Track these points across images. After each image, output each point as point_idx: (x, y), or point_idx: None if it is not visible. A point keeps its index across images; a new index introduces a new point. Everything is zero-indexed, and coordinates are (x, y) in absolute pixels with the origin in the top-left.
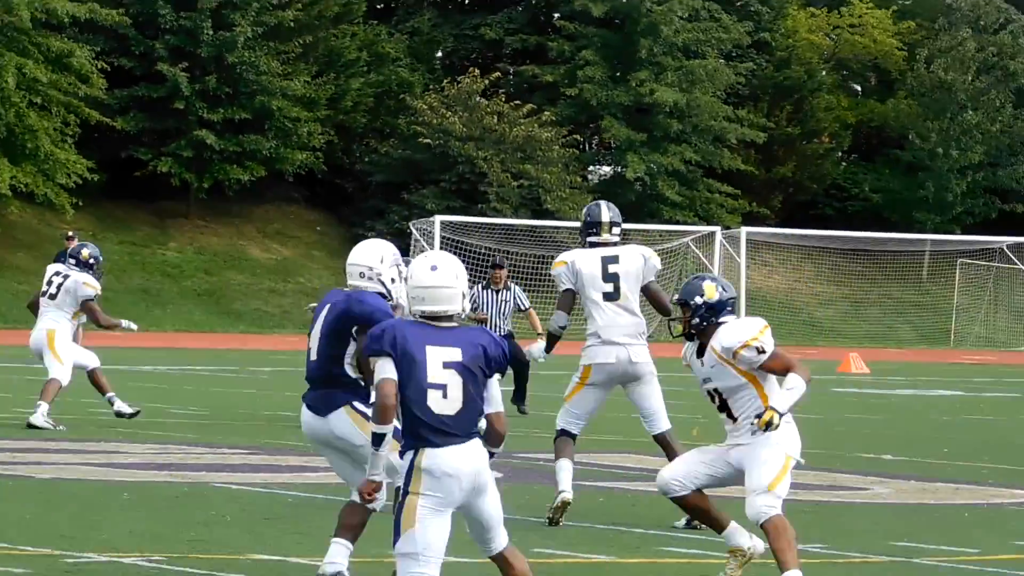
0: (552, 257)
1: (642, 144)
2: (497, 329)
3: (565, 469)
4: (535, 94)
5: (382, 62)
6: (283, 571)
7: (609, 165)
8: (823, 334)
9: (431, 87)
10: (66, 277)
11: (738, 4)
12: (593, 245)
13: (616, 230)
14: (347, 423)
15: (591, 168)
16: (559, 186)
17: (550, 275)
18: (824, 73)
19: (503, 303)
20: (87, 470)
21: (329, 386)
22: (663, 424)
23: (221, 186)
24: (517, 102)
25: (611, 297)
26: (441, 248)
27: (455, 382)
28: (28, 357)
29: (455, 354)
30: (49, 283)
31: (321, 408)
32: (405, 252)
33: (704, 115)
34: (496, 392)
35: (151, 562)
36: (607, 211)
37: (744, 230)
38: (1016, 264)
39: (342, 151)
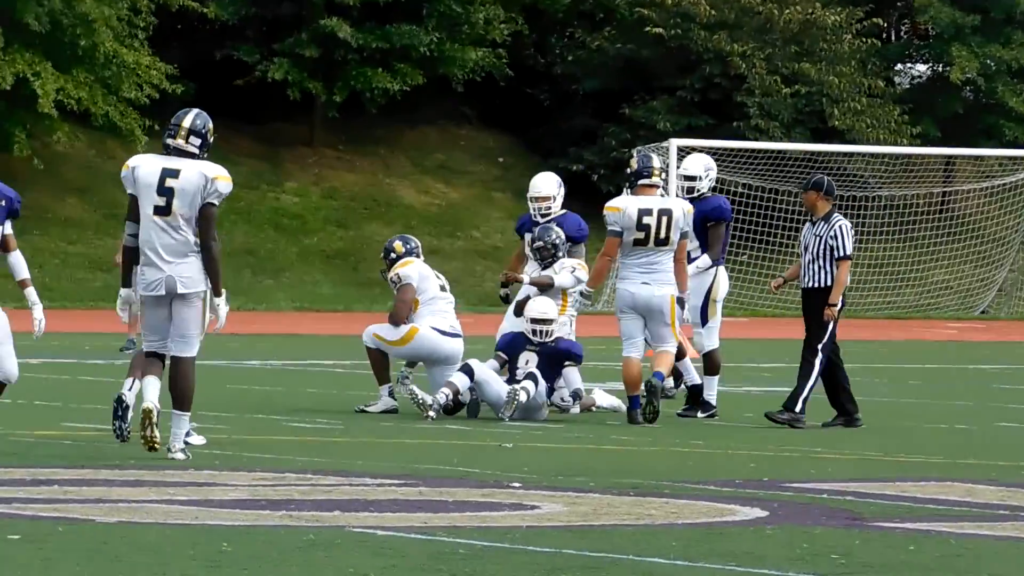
0: (844, 198)
1: (974, 31)
2: None
3: None
4: None
5: None
6: None
7: (925, 62)
8: None
9: None
10: None
11: None
12: None
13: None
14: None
15: (898, 67)
16: (851, 94)
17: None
18: None
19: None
20: (169, 511)
21: None
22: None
23: (359, 100)
24: None
25: None
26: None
27: None
28: (83, 350)
29: None
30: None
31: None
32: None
33: None
34: None
35: None
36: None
37: None
38: None
39: (534, 47)
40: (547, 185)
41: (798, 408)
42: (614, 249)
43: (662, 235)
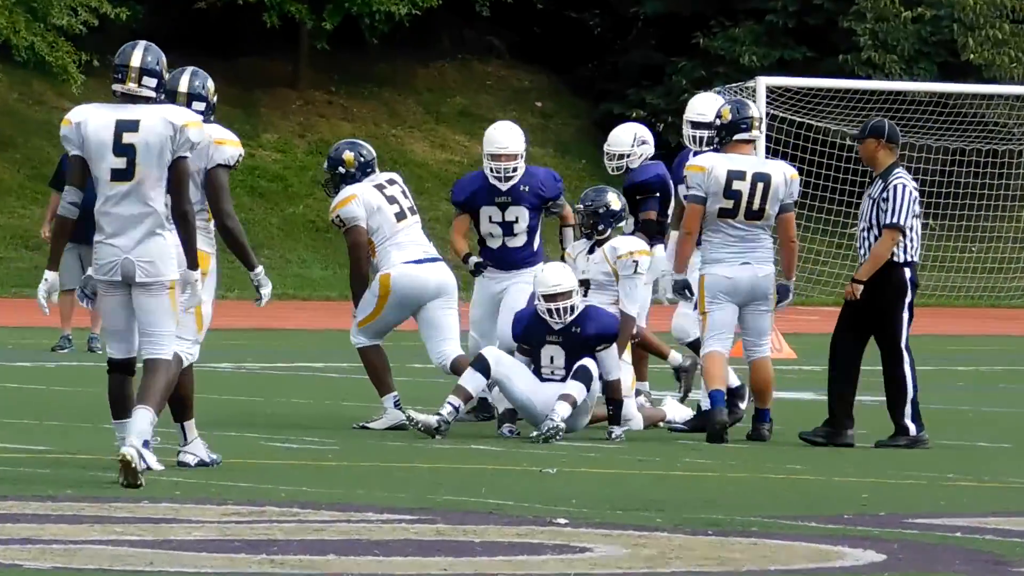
0: (982, 153)
1: None
2: None
3: None
4: None
5: None
6: None
7: None
8: None
9: None
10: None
11: None
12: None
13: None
14: None
15: None
16: (990, 19)
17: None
18: None
19: None
20: (117, 554)
21: None
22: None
23: (356, 28)
24: None
25: None
26: (770, 141)
27: None
28: (6, 348)
29: None
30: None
31: None
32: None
33: None
34: None
35: None
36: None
37: None
38: None
39: None
40: (513, 139)
41: (912, 430)
42: (696, 220)
43: (755, 206)
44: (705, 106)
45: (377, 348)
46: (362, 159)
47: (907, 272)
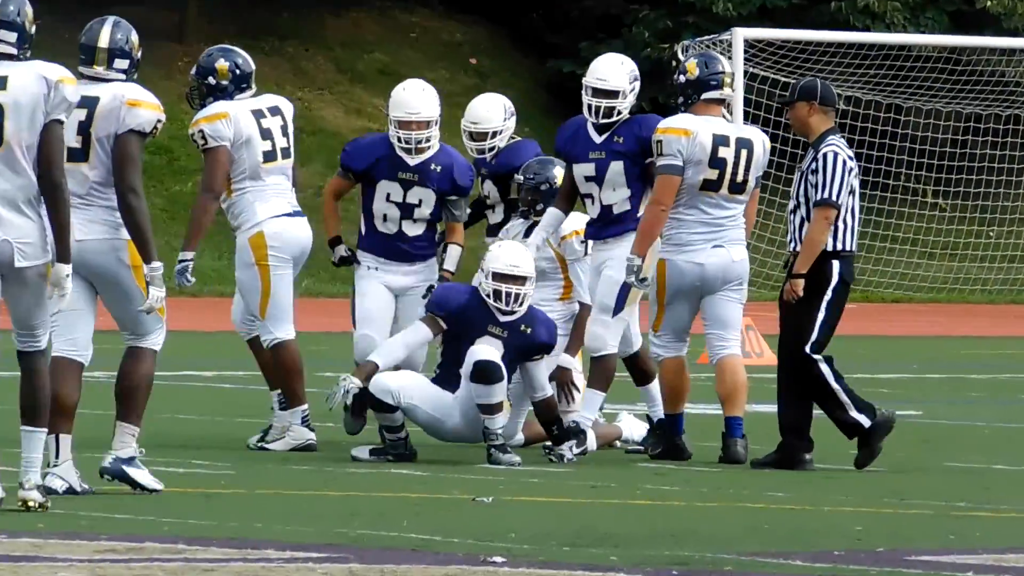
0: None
1: None
2: None
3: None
4: None
5: None
6: None
7: None
8: None
9: None
10: None
11: None
12: None
13: None
14: None
15: None
16: None
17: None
18: None
19: None
20: None
21: None
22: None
23: None
24: None
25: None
26: (748, 104)
27: None
28: None
29: None
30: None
31: None
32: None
33: None
34: None
35: None
36: None
37: None
38: None
39: None
40: (426, 102)
41: (863, 421)
42: (672, 193)
43: (739, 177)
44: (609, 70)
45: (292, 347)
46: (238, 71)
47: (836, 265)
